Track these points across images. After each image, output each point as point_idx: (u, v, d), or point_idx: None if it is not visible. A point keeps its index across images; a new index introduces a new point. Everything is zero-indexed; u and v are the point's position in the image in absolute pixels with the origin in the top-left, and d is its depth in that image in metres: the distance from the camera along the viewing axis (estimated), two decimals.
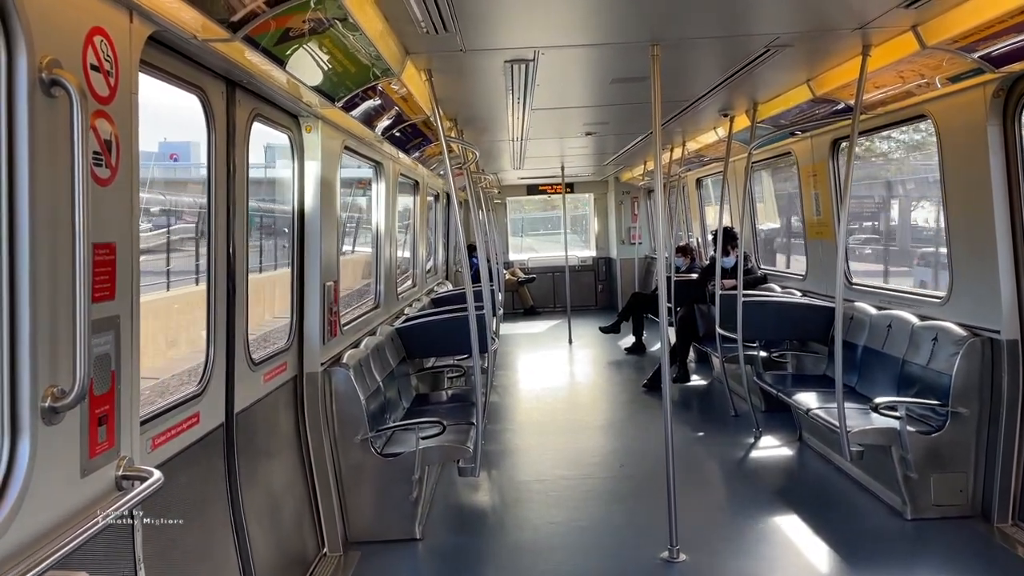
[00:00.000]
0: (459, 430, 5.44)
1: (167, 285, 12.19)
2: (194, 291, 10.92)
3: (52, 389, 1.98)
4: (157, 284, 12.07)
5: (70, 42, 2.06)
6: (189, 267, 12.32)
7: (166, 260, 12.78)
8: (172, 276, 12.33)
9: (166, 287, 12.13)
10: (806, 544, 4.81)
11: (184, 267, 12.45)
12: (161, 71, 3.06)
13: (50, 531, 1.99)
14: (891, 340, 5.72)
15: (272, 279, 11.36)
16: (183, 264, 12.65)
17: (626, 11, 3.95)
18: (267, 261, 12.17)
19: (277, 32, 3.07)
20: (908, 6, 3.84)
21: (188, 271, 12.19)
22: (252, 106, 3.95)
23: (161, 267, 12.51)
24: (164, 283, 12.23)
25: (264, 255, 12.05)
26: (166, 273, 12.37)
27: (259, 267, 11.60)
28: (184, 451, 3.25)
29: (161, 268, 12.47)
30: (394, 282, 7.67)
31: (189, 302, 10.56)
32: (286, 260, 4.98)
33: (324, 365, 4.91)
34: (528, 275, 16.73)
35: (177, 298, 11.20)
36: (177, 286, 12.00)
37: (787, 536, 4.97)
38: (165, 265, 12.58)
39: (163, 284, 12.21)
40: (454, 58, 4.56)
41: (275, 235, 12.17)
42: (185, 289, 11.55)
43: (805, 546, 4.79)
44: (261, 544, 3.98)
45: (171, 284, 12.21)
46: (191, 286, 11.52)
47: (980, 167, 4.79)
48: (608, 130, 8.73)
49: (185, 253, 13.22)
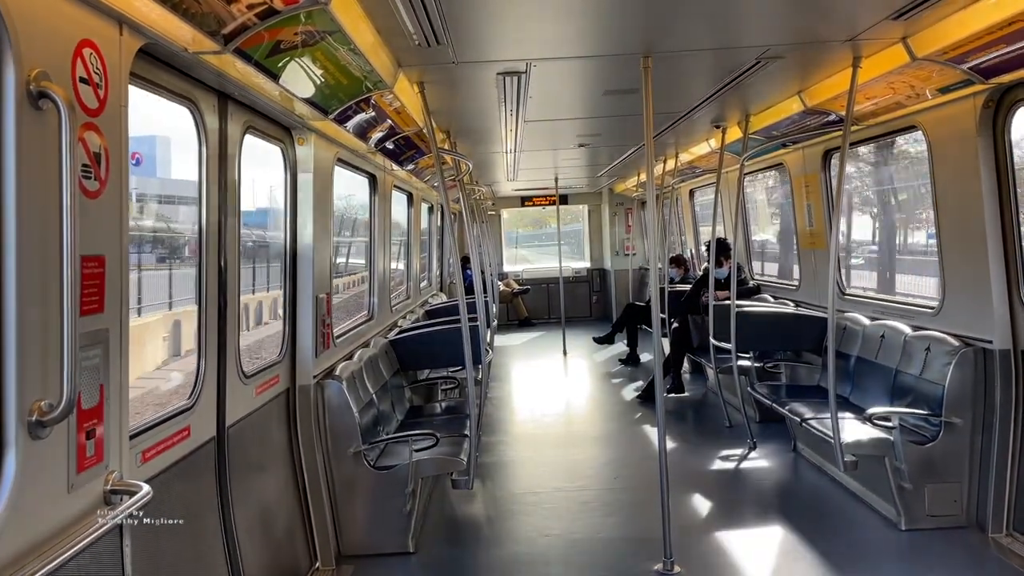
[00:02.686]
0: (453, 442, 5.42)
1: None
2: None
3: (39, 403, 1.97)
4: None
5: (59, 54, 2.05)
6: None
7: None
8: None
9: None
10: (800, 555, 4.80)
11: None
12: (152, 84, 3.05)
13: (37, 546, 1.96)
14: (884, 350, 5.73)
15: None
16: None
17: (618, 23, 3.96)
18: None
19: (268, 45, 3.07)
20: (898, 18, 3.87)
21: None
22: (244, 119, 3.95)
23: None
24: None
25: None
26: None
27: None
28: (175, 465, 3.22)
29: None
30: (388, 294, 7.66)
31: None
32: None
33: (317, 378, 4.89)
34: (522, 286, 16.73)
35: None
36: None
37: (781, 547, 4.95)
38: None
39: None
40: (446, 70, 4.57)
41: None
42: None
43: (799, 557, 4.77)
44: (252, 558, 3.94)
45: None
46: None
47: (971, 177, 4.81)
48: (601, 142, 8.76)
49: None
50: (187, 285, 11.25)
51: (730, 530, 5.28)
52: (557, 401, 9.90)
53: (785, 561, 4.75)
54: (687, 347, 9.29)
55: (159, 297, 13.26)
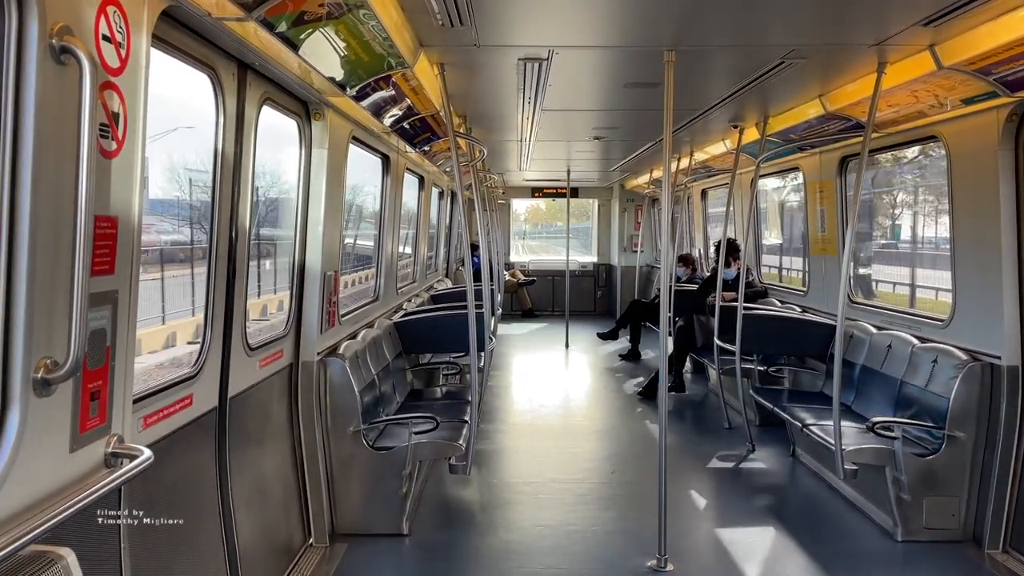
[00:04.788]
0: (452, 427, 5.41)
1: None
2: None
3: (45, 361, 1.95)
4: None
5: (83, 10, 2.03)
6: None
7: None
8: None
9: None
10: (793, 561, 4.78)
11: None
12: (173, 47, 3.03)
13: (36, 505, 1.95)
14: (890, 360, 5.69)
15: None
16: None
17: (643, 15, 3.92)
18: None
19: (293, 15, 3.04)
20: (927, 24, 3.82)
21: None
22: (263, 89, 3.92)
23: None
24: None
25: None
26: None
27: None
28: (175, 432, 3.22)
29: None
30: (395, 276, 7.65)
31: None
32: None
33: (320, 354, 4.88)
34: (528, 277, 16.71)
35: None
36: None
37: (775, 552, 4.94)
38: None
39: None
40: (468, 53, 4.53)
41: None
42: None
43: (792, 563, 4.76)
44: (247, 530, 3.94)
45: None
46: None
47: (989, 191, 4.76)
48: (616, 135, 8.71)
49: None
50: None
51: (724, 531, 5.27)
52: (557, 393, 9.89)
53: (777, 566, 4.73)
54: (690, 346, 9.26)
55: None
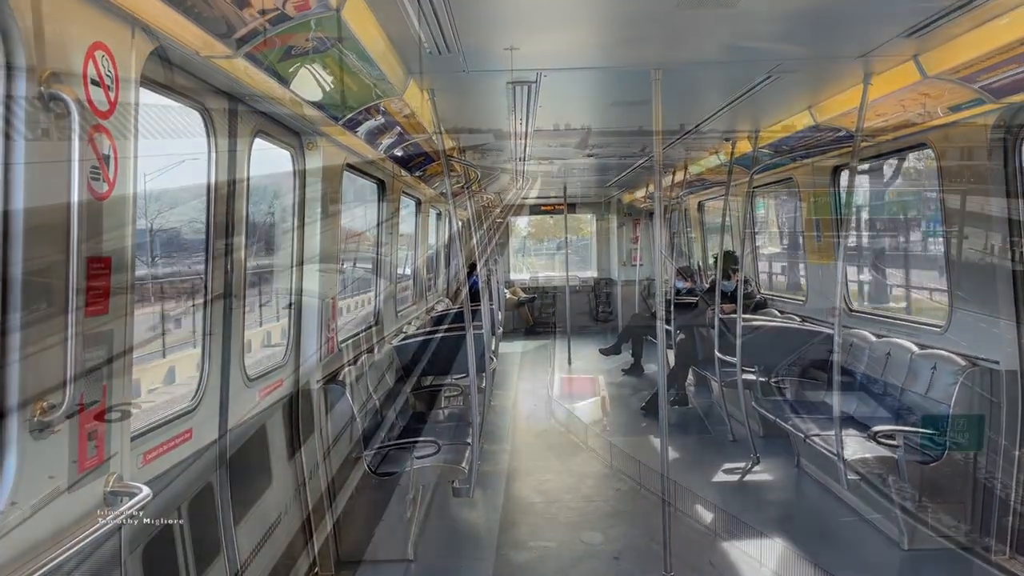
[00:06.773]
0: (455, 450, 5.40)
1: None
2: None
3: (42, 403, 1.97)
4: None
5: (71, 56, 2.06)
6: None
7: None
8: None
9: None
10: (801, 573, 4.76)
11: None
12: (163, 87, 3.06)
13: (36, 546, 1.96)
14: (890, 368, 5.69)
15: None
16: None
17: (629, 35, 3.97)
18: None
19: (280, 50, 3.09)
20: (910, 35, 3.86)
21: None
22: (254, 123, 3.96)
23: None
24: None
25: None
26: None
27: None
28: (176, 467, 3.22)
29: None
30: (394, 299, 7.66)
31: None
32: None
33: (320, 382, 4.89)
34: (529, 295, 16.71)
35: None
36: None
37: (782, 564, 4.91)
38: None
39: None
40: (457, 78, 4.57)
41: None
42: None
43: (800, 574, 4.73)
44: (252, 563, 3.93)
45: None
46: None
47: (980, 196, 4.79)
48: (609, 152, 8.75)
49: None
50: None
51: (730, 544, 5.24)
52: (560, 411, 9.86)
53: None
54: (692, 359, 9.25)
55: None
